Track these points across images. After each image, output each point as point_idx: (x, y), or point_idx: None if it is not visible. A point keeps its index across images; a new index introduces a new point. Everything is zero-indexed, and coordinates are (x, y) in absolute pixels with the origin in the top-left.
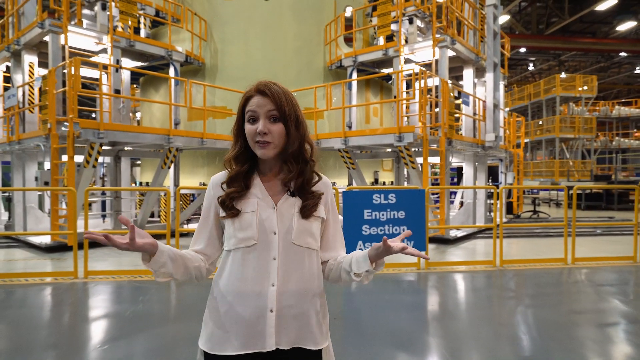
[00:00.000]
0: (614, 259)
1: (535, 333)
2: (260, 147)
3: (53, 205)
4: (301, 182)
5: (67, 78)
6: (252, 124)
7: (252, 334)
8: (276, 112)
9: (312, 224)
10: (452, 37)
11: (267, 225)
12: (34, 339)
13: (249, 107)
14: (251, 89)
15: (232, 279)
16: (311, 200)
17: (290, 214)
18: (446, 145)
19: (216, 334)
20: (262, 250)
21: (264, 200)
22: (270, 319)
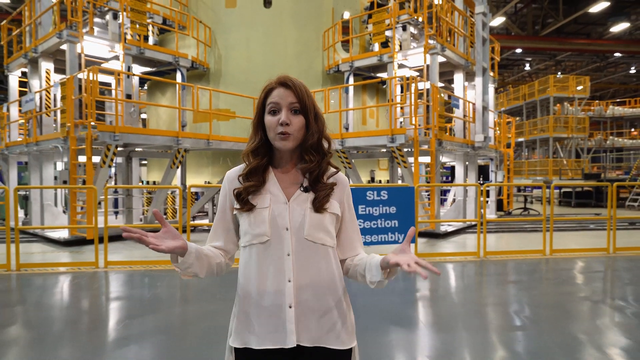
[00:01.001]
0: (589, 250)
1: (502, 309)
2: (281, 138)
3: (72, 202)
4: (316, 175)
5: (86, 85)
6: (274, 116)
7: (273, 329)
8: (298, 104)
9: (325, 219)
10: (442, 45)
11: (279, 222)
12: (72, 314)
13: (270, 99)
14: (271, 82)
15: (250, 275)
16: (323, 192)
17: (302, 209)
18: (436, 145)
19: (239, 327)
20: (276, 247)
21: (276, 196)
22: (289, 315)
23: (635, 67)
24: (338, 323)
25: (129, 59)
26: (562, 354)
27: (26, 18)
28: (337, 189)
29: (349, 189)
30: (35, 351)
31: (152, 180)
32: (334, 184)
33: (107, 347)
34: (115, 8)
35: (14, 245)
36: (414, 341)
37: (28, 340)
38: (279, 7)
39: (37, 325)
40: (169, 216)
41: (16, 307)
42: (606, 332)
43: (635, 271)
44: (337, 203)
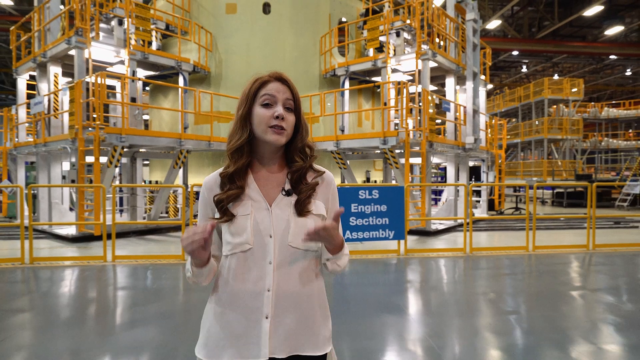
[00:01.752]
0: (571, 247)
1: (481, 296)
2: (275, 132)
3: (80, 200)
4: (298, 176)
5: (95, 89)
6: (267, 108)
7: (246, 342)
8: (292, 102)
9: (309, 223)
10: (433, 51)
11: (262, 229)
12: (86, 302)
13: (265, 91)
14: (263, 76)
15: (229, 284)
16: (304, 193)
17: (286, 214)
18: (427, 147)
19: (211, 340)
20: (258, 255)
21: (258, 202)
22: (265, 326)
23: (631, 69)
24: (315, 331)
25: (134, 63)
26: (525, 331)
27: (35, 24)
28: (322, 188)
29: (335, 188)
30: (55, 332)
31: (155, 180)
32: (316, 184)
33: (119, 329)
34: (120, 15)
35: (24, 241)
36: (400, 324)
37: (48, 322)
38: (277, 13)
39: (55, 310)
40: (170, 214)
41: (35, 296)
42: (569, 314)
43: (609, 265)
44: (322, 203)
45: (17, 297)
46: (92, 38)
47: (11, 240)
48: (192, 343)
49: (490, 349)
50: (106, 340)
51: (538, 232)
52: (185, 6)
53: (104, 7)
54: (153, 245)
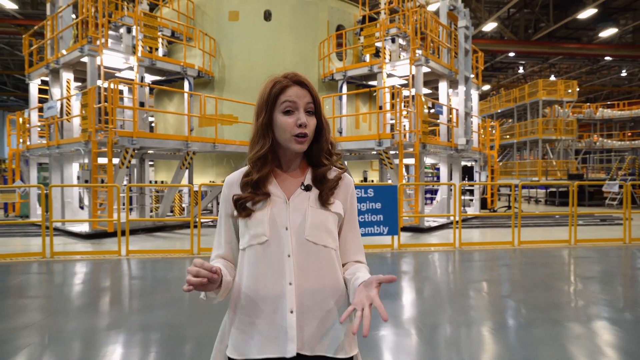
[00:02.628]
0: (554, 242)
1: (464, 282)
2: (298, 141)
3: (93, 199)
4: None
5: (107, 95)
6: (289, 116)
7: (273, 337)
8: (313, 105)
9: (327, 218)
10: (426, 57)
11: (278, 220)
12: (106, 290)
13: (286, 98)
14: (280, 79)
15: (249, 279)
16: (328, 185)
17: (303, 208)
18: (420, 148)
19: (236, 337)
20: (275, 247)
21: (276, 196)
22: (290, 321)
23: (627, 70)
24: (340, 331)
25: (142, 69)
26: (498, 310)
27: (48, 32)
28: (342, 188)
29: (354, 190)
30: (82, 315)
31: (160, 180)
32: (339, 178)
33: (136, 311)
34: (129, 23)
35: (45, 237)
36: (394, 306)
37: (75, 306)
38: (278, 20)
39: (80, 296)
40: (176, 212)
41: (60, 284)
42: (538, 296)
43: (587, 258)
44: (341, 203)
45: (45, 286)
46: (102, 44)
47: (27, 237)
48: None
49: (469, 324)
50: (127, 319)
51: (528, 229)
52: (190, 14)
53: (113, 16)
54: (162, 241)
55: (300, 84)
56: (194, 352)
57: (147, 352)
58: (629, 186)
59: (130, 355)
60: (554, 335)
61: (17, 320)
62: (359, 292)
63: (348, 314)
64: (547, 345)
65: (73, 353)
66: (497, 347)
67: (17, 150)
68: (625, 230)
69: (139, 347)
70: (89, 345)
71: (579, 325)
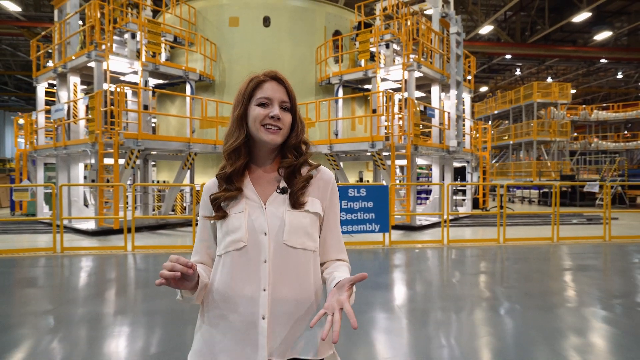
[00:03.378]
0: (538, 239)
1: (447, 273)
2: (270, 132)
3: (100, 198)
4: (291, 171)
5: (114, 98)
6: (263, 108)
7: (243, 344)
8: (288, 102)
9: (305, 220)
10: (418, 63)
11: (256, 226)
12: (115, 280)
13: (261, 93)
14: (259, 75)
15: (222, 284)
16: (298, 184)
17: (280, 212)
18: (412, 150)
19: (207, 345)
20: (253, 253)
21: (252, 200)
22: (262, 327)
23: (622, 72)
24: (314, 334)
25: (146, 74)
26: (477, 296)
27: (55, 38)
28: (319, 185)
29: (335, 187)
30: (94, 301)
31: (162, 180)
32: (310, 177)
33: (142, 298)
34: (133, 29)
35: (57, 234)
36: (385, 295)
37: (88, 294)
38: (276, 26)
39: (92, 286)
40: (178, 211)
41: (73, 276)
42: (510, 284)
43: (566, 254)
44: (319, 201)
45: (58, 277)
46: (108, 50)
47: (36, 234)
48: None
49: (447, 308)
50: (133, 306)
51: (518, 227)
52: (192, 19)
53: (118, 22)
54: (164, 238)
55: (277, 79)
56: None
57: (152, 332)
58: (608, 186)
59: (136, 335)
60: (514, 315)
61: (38, 306)
62: (331, 295)
63: (318, 318)
64: (503, 320)
65: (87, 332)
66: (467, 323)
67: (24, 151)
68: (605, 228)
69: (145, 328)
70: (101, 326)
71: (543, 311)
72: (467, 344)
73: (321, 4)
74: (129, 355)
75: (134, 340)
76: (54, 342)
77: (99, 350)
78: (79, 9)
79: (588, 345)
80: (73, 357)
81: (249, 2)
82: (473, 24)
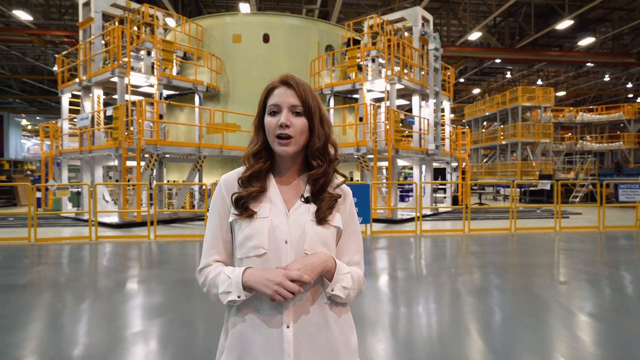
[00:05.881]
0: (499, 229)
1: (415, 256)
2: (280, 143)
3: (124, 195)
4: (322, 184)
5: (137, 110)
6: (273, 117)
7: (269, 350)
8: (300, 105)
9: (326, 232)
10: (399, 76)
11: (278, 234)
12: (146, 260)
13: (271, 99)
14: (274, 80)
15: None
16: (326, 203)
17: (303, 221)
18: (393, 153)
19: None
20: (273, 260)
21: (277, 206)
22: (287, 335)
23: (609, 75)
24: (339, 343)
25: (161, 87)
26: (435, 273)
27: (81, 55)
28: (341, 201)
29: (352, 200)
30: (132, 270)
31: (172, 180)
32: (339, 196)
33: (168, 271)
34: (149, 48)
35: (70, 228)
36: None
37: (126, 267)
38: (275, 42)
39: (127, 263)
40: (186, 207)
41: (113, 256)
42: (459, 262)
43: (516, 242)
44: (340, 215)
45: (101, 258)
46: (124, 64)
47: (65, 227)
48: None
49: (412, 278)
50: (160, 275)
51: (488, 221)
52: (199, 36)
53: (134, 41)
54: (178, 229)
55: (287, 84)
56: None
57: (172, 294)
58: (558, 184)
59: (162, 292)
60: (449, 285)
61: (95, 279)
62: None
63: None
64: (436, 289)
65: (132, 292)
66: (416, 290)
67: (50, 154)
68: (556, 220)
69: (174, 288)
70: (139, 288)
71: (478, 281)
72: (406, 290)
73: (315, 22)
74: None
75: (173, 290)
76: (130, 284)
77: (166, 288)
78: (102, 32)
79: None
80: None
81: (250, 21)
82: (462, 29)
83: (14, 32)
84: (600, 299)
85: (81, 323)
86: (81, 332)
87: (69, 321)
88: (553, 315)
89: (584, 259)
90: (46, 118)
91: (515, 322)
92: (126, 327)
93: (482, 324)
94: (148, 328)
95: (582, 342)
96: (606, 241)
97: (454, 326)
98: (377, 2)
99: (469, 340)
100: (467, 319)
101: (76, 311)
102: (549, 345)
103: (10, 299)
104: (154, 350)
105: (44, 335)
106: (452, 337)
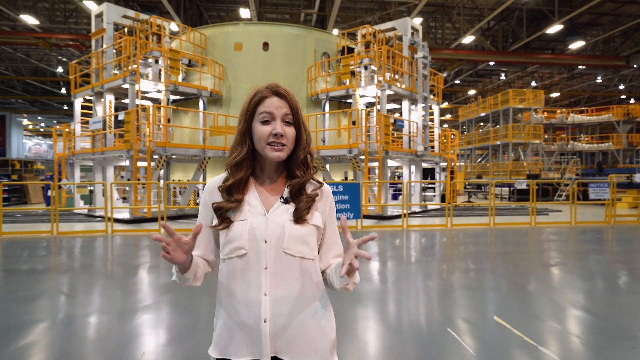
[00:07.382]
0: (479, 225)
1: (404, 247)
2: (275, 149)
3: (135, 193)
4: (298, 187)
5: (147, 115)
6: (266, 125)
7: (250, 342)
8: (291, 116)
9: (305, 231)
10: (389, 83)
11: (257, 234)
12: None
13: (263, 108)
14: (262, 89)
15: (228, 288)
16: (304, 203)
17: (281, 221)
18: (383, 154)
19: (221, 339)
20: (254, 260)
21: (255, 208)
22: (264, 329)
23: (602, 77)
24: (317, 338)
25: (168, 92)
26: (418, 260)
27: (93, 63)
28: (321, 199)
29: (332, 200)
30: (146, 256)
31: (177, 179)
32: (316, 195)
33: None
34: (157, 56)
35: (84, 223)
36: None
37: (141, 254)
38: (274, 50)
39: (143, 254)
40: (192, 205)
41: (129, 246)
42: (440, 252)
43: (495, 236)
44: (319, 214)
45: (117, 248)
46: (133, 71)
47: (79, 222)
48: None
49: (400, 263)
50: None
51: (473, 217)
52: (203, 44)
53: (143, 49)
54: (184, 224)
55: (279, 94)
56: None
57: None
58: (533, 183)
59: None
60: (428, 272)
61: (120, 262)
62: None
63: (346, 270)
64: (413, 272)
65: (144, 274)
66: (397, 273)
67: (63, 155)
68: (531, 217)
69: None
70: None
71: (451, 268)
72: (390, 273)
73: (311, 30)
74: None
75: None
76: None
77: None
78: (113, 42)
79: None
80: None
81: (251, 30)
82: (455, 32)
83: (21, 36)
84: (533, 276)
85: (116, 291)
86: (119, 292)
87: (107, 287)
88: (494, 286)
89: (539, 248)
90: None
91: (462, 292)
92: (150, 295)
93: (439, 293)
94: (162, 298)
95: (511, 305)
96: (571, 234)
97: (417, 296)
98: (374, 6)
99: (430, 304)
100: (429, 289)
101: (108, 284)
102: (485, 307)
103: (60, 275)
104: (166, 312)
105: (105, 288)
106: (414, 305)
